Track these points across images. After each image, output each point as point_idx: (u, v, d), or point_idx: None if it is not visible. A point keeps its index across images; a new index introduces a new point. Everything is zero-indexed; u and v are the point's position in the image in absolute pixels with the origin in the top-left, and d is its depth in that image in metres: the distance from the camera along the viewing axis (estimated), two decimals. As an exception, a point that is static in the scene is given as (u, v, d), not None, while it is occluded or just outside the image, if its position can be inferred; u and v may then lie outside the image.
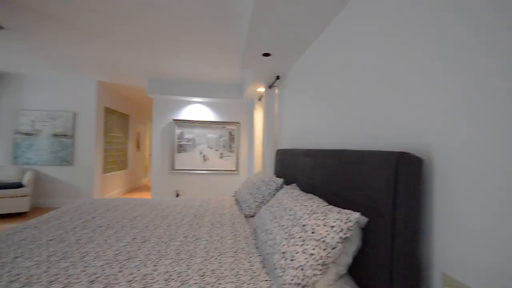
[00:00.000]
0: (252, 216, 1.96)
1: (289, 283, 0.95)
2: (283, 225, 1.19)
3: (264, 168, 3.28)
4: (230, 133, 4.86)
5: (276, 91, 3.28)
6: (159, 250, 1.32)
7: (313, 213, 1.10)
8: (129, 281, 1.03)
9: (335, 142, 1.69)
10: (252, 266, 1.19)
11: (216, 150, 4.83)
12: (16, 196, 3.79)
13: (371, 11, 1.33)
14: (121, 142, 5.77)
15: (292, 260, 1.00)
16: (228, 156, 4.85)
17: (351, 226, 0.97)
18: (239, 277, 1.09)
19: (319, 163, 1.59)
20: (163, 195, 4.75)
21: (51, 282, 1.01)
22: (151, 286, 1.01)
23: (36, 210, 4.20)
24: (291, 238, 1.08)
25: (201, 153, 4.78)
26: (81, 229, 1.59)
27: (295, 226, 1.12)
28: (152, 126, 4.78)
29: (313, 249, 0.97)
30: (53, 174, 4.41)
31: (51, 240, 1.41)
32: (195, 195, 4.83)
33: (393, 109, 1.14)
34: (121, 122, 5.73)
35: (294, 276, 0.95)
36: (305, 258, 0.96)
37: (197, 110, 4.87)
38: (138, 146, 6.85)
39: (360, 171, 1.13)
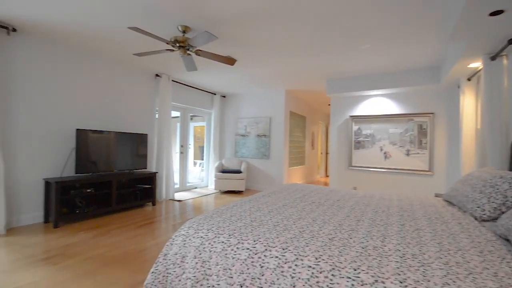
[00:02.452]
0: (487, 220, 1.53)
1: None
2: None
3: (485, 166, 2.49)
4: (420, 126, 4.13)
5: (505, 61, 2.40)
6: (378, 230, 1.36)
7: None
8: (362, 248, 1.14)
9: None
10: (521, 273, 0.92)
11: (401, 146, 4.28)
12: (237, 179, 5.36)
13: None
14: (300, 141, 6.59)
15: None
16: (417, 153, 4.15)
17: None
18: (501, 279, 0.88)
19: None
20: (340, 191, 4.88)
21: (301, 232, 1.31)
22: (387, 258, 1.05)
23: (248, 190, 5.73)
24: None
25: (381, 149, 4.44)
26: (300, 202, 1.96)
27: None
28: (330, 123, 5.06)
29: None
30: (257, 165, 5.82)
31: (284, 205, 1.85)
32: (374, 194, 4.55)
33: None
34: (300, 123, 6.54)
35: None
36: None
37: (376, 104, 4.58)
38: (312, 145, 7.52)
39: None
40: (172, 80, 4.89)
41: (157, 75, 4.58)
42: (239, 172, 5.37)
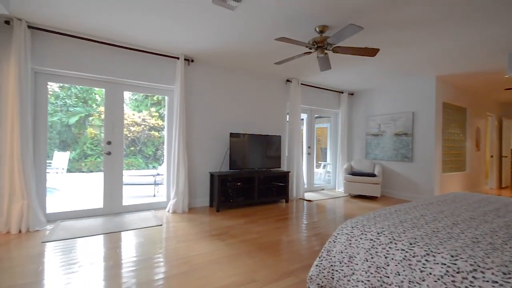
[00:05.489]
0: None
1: None
2: None
3: None
4: None
5: None
6: None
7: None
8: None
9: None
10: None
11: None
12: (371, 183, 4.82)
13: None
14: (458, 140, 5.14)
15: None
16: None
17: None
18: None
19: None
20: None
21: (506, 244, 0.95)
22: None
23: (384, 197, 5.04)
24: None
25: None
26: (496, 217, 1.46)
27: None
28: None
29: None
30: (395, 169, 5.03)
31: (472, 218, 1.44)
32: None
33: None
34: (457, 117, 5.11)
35: None
36: None
37: None
38: (477, 145, 5.69)
39: None
40: (301, 83, 5.06)
41: (288, 80, 4.89)
42: (372, 175, 4.83)
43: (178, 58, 3.64)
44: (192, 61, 3.84)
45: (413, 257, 1.03)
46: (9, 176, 2.66)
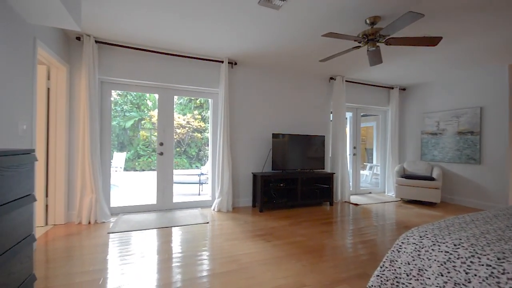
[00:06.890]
0: None
1: None
2: None
3: None
4: None
5: None
6: None
7: None
8: None
9: None
10: None
11: None
12: (428, 187, 4.33)
13: None
14: (540, 139, 4.32)
15: None
16: None
17: None
18: None
19: None
20: None
21: None
22: None
23: (444, 203, 4.50)
24: None
25: None
26: None
27: None
28: None
29: None
30: (458, 172, 4.45)
31: None
32: None
33: None
34: (539, 112, 4.31)
35: None
36: None
37: None
38: None
39: None
40: (345, 80, 4.81)
41: (331, 77, 4.69)
42: (431, 179, 4.34)
43: (222, 62, 3.75)
44: (236, 63, 3.93)
45: (503, 274, 0.87)
46: (81, 173, 3.04)
